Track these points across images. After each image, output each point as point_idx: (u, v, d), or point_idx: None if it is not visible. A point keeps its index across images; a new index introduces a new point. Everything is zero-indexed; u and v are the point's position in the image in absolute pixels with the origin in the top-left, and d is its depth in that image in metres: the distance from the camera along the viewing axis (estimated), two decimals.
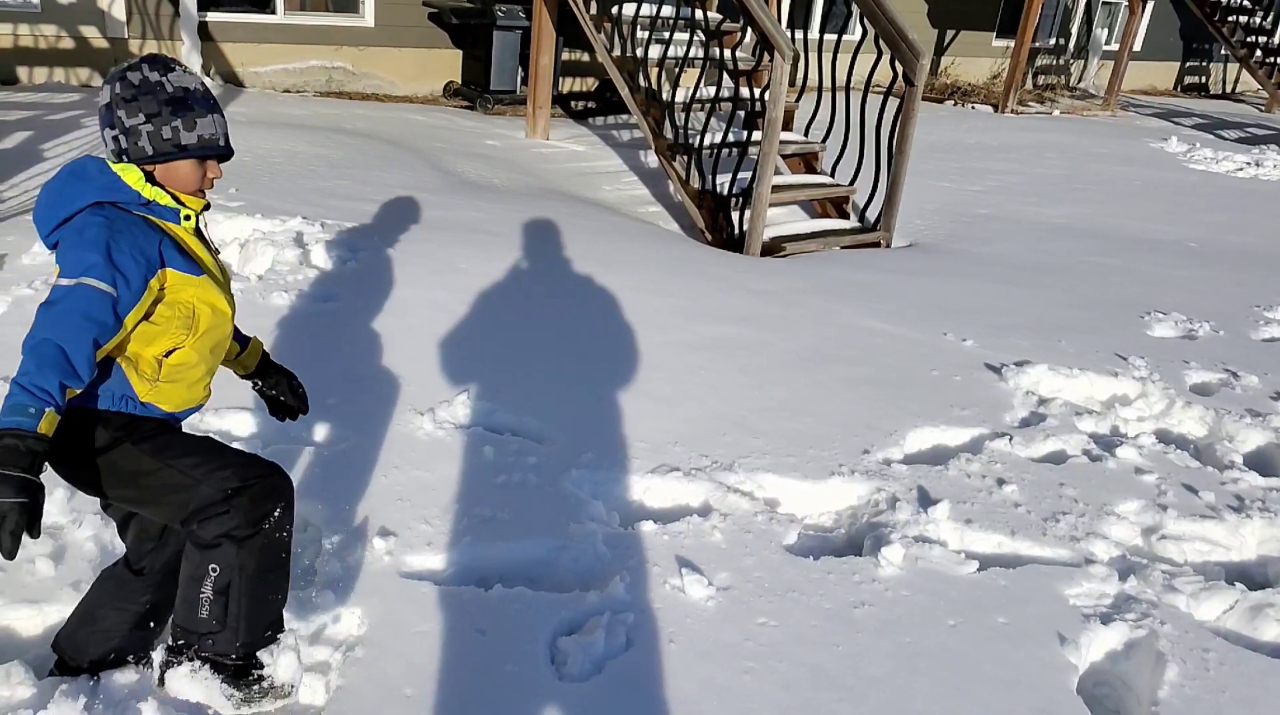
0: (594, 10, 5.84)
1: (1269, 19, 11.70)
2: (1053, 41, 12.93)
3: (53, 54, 6.67)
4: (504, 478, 2.51)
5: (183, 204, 1.53)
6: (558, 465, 2.59)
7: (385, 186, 5.04)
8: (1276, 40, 11.67)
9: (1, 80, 6.55)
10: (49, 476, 2.22)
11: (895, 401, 3.21)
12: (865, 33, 5.22)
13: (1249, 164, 8.80)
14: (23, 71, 6.61)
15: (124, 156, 1.48)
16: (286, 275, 3.68)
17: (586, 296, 3.87)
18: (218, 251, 1.69)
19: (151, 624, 1.77)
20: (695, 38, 5.53)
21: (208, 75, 7.16)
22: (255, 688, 1.63)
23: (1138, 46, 12.16)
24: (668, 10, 5.62)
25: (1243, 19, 11.59)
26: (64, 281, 1.39)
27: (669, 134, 5.45)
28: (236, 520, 1.51)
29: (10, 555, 1.26)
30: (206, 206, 1.58)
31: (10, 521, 1.26)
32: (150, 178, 1.50)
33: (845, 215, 5.74)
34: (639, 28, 5.69)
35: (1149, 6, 11.73)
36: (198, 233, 1.59)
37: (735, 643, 2.00)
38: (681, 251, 4.82)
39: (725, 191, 5.17)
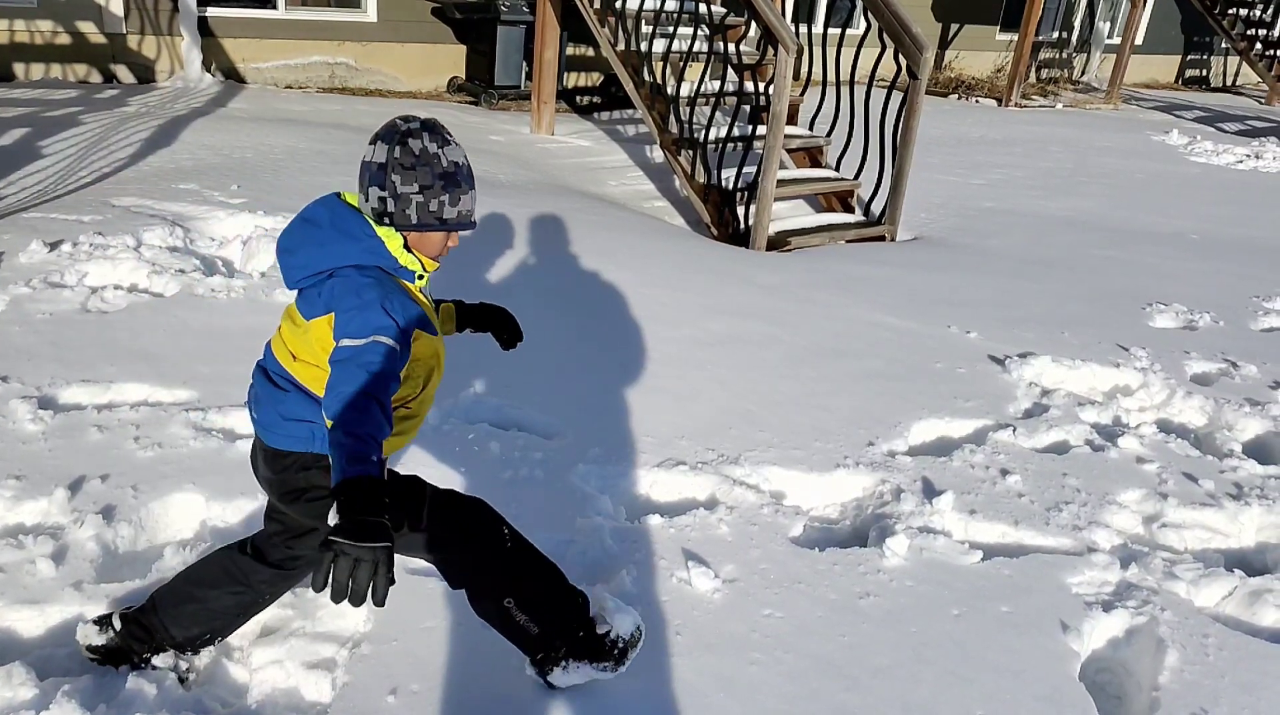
0: (598, 4, 5.84)
1: (1269, 12, 11.66)
2: (1056, 35, 12.90)
3: (49, 50, 6.66)
4: (510, 473, 2.53)
5: (421, 266, 1.59)
6: (564, 460, 2.61)
7: None
8: (1277, 33, 11.63)
9: None
10: (51, 474, 2.27)
11: (900, 394, 3.23)
12: (869, 26, 5.22)
13: (1249, 156, 8.79)
14: (19, 68, 6.61)
15: (386, 218, 1.52)
16: None
17: (592, 292, 3.88)
18: (438, 305, 1.76)
19: (251, 614, 1.83)
20: (699, 32, 5.53)
21: (208, 72, 7.17)
22: (614, 651, 1.77)
23: (1139, 40, 12.14)
24: (671, 4, 5.62)
25: (1243, 12, 11.56)
26: (354, 341, 1.43)
27: (674, 129, 5.46)
28: (478, 554, 1.67)
29: (382, 602, 1.30)
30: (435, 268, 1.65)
31: (383, 569, 1.29)
32: (405, 243, 1.55)
33: (850, 209, 5.75)
34: (643, 22, 5.69)
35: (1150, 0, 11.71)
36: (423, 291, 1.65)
37: (742, 634, 2.02)
38: (687, 246, 4.84)
39: (731, 186, 5.18)
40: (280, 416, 1.59)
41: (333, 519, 1.30)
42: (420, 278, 1.59)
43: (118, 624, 1.78)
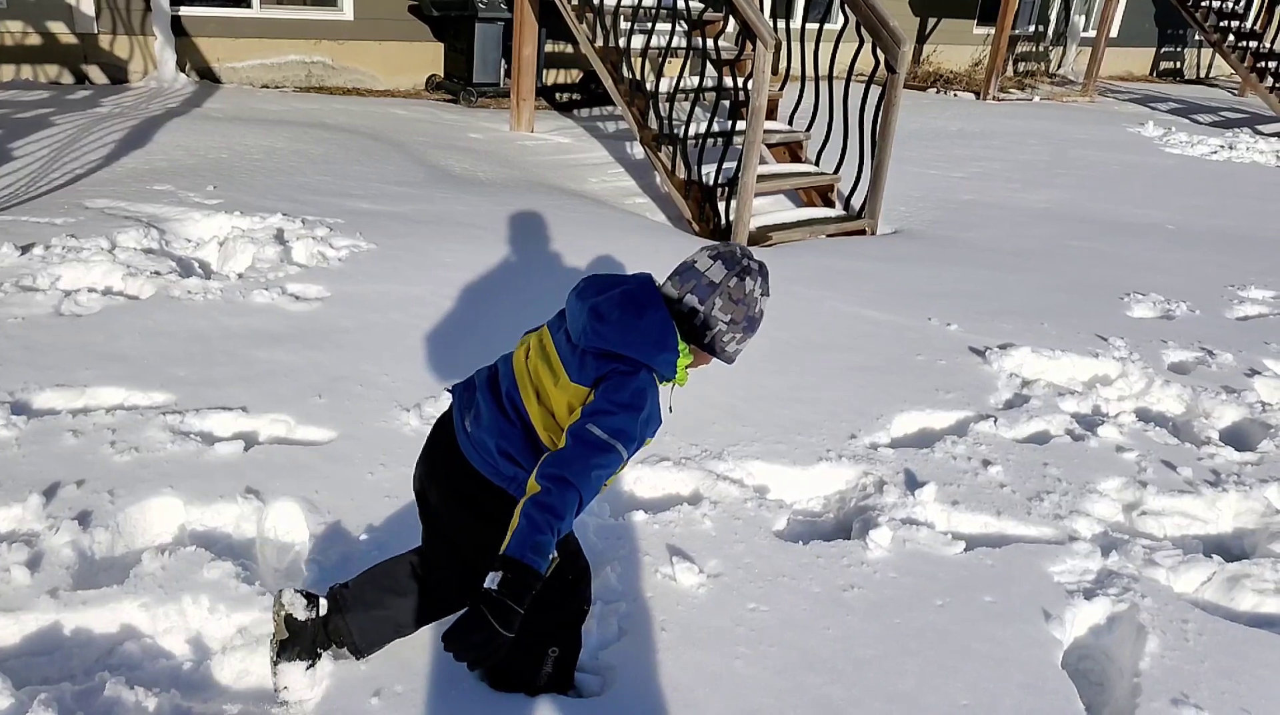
0: (575, 1, 5.82)
1: (1241, 4, 11.81)
2: (1032, 29, 13.01)
3: (19, 50, 6.55)
4: None
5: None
6: None
7: (367, 181, 5.01)
8: (1249, 25, 11.78)
9: None
10: (25, 480, 2.24)
11: (882, 387, 3.24)
12: (847, 21, 5.23)
13: (1223, 147, 8.91)
14: None
15: (686, 325, 1.58)
16: (267, 273, 3.66)
17: None
18: None
19: (432, 621, 1.87)
20: (678, 27, 5.52)
21: (182, 71, 7.07)
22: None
23: (1114, 33, 12.25)
24: (649, 0, 5.60)
25: (1215, 4, 11.69)
26: (601, 432, 1.48)
27: (654, 125, 5.44)
28: (573, 609, 1.78)
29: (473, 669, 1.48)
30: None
31: (497, 648, 1.40)
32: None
33: (830, 203, 5.77)
34: (621, 18, 5.68)
35: None
36: None
37: (726, 629, 2.02)
38: (669, 243, 4.83)
39: (711, 181, 5.17)
40: (496, 448, 1.61)
41: (490, 583, 1.39)
42: (670, 379, 1.63)
43: (324, 607, 1.76)
